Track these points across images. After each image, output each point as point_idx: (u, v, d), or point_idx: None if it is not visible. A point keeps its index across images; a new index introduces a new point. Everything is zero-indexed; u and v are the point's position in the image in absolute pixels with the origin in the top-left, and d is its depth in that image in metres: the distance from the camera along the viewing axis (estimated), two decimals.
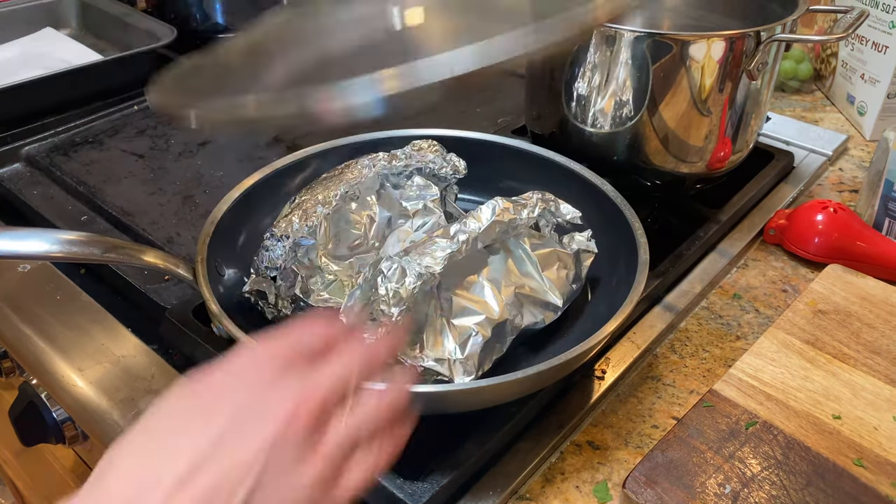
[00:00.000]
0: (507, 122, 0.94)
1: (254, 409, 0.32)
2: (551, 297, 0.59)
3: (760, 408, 0.55)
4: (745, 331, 0.66)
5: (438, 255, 0.53)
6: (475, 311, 0.56)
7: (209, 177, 0.86)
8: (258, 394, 0.33)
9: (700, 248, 0.73)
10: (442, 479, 0.49)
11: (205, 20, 1.20)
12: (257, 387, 0.33)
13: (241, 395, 0.33)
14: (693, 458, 0.51)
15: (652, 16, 0.89)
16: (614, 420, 0.57)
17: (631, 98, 0.69)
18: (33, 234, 0.50)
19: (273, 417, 0.32)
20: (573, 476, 0.53)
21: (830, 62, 1.04)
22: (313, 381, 0.34)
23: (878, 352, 0.60)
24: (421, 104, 0.35)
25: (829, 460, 0.51)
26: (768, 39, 0.66)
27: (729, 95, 0.69)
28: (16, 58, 1.07)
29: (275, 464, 0.31)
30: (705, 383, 0.60)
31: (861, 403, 0.55)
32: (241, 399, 0.33)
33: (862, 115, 0.97)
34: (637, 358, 0.62)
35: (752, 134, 0.76)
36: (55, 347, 0.63)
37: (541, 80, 0.77)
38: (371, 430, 0.35)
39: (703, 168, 0.74)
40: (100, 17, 1.17)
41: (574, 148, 0.74)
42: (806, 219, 0.74)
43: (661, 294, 0.68)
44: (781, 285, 0.72)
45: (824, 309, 0.64)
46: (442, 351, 0.53)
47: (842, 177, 0.89)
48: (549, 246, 0.61)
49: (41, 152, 0.90)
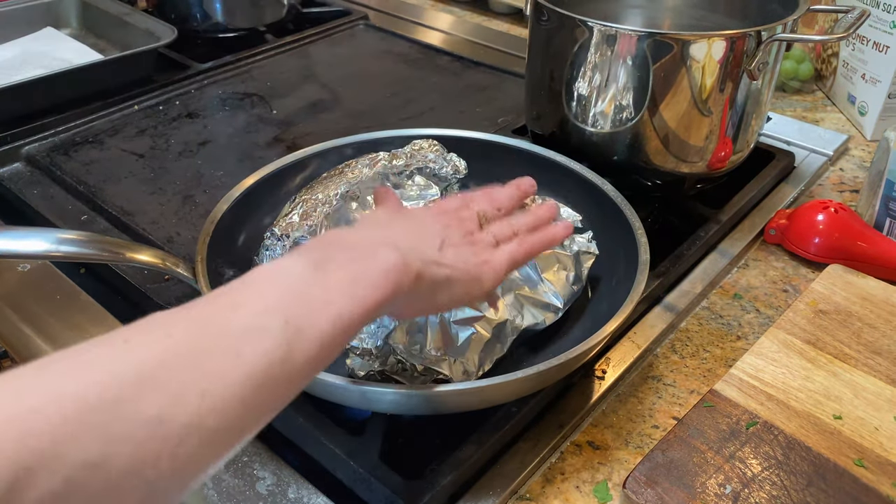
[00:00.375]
0: (507, 122, 0.94)
1: (432, 215, 0.50)
2: (552, 299, 0.59)
3: (761, 408, 0.55)
4: (746, 331, 0.66)
5: None
6: (475, 311, 0.56)
7: (209, 176, 0.86)
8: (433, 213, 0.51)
9: (701, 248, 0.72)
10: (442, 479, 0.49)
11: (205, 20, 1.20)
12: (431, 210, 0.52)
13: (420, 213, 0.51)
14: (694, 459, 0.51)
15: (652, 15, 0.89)
16: (614, 420, 0.57)
17: (631, 98, 0.69)
18: (33, 234, 0.50)
19: (446, 220, 0.50)
20: (573, 476, 0.53)
21: (831, 62, 1.04)
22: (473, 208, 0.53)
23: (879, 352, 0.60)
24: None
25: (830, 461, 0.51)
26: (769, 39, 0.66)
27: (730, 95, 0.69)
28: (16, 57, 1.07)
29: (449, 239, 0.47)
30: (706, 383, 0.60)
31: (862, 404, 0.55)
32: (422, 214, 0.51)
33: (863, 116, 0.97)
34: (637, 358, 0.62)
35: (753, 134, 0.76)
36: (55, 347, 0.63)
37: (541, 80, 0.77)
38: (518, 229, 0.52)
39: (704, 168, 0.74)
40: (100, 17, 1.17)
41: (574, 148, 0.74)
42: (807, 219, 0.73)
43: (661, 294, 0.68)
44: (782, 285, 0.71)
45: (825, 309, 0.64)
46: (443, 351, 0.53)
47: (842, 177, 0.89)
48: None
49: (41, 152, 0.90)
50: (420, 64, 1.15)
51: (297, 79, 1.10)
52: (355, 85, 1.08)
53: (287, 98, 1.04)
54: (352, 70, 1.13)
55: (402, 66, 1.14)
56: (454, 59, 1.16)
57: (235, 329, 0.33)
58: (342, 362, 0.54)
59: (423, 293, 0.43)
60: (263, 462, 0.53)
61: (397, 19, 1.31)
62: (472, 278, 0.47)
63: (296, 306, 0.35)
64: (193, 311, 0.33)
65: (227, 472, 0.52)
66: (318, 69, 1.15)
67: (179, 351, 0.30)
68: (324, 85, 1.10)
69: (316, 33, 1.23)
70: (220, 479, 0.52)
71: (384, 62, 1.16)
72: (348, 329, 0.37)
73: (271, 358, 0.33)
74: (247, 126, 0.97)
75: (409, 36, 1.23)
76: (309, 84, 1.10)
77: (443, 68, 1.13)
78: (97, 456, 0.27)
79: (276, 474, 0.52)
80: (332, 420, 0.53)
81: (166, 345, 0.31)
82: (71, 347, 0.30)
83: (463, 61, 1.15)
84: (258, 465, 0.53)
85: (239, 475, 0.52)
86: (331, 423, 0.52)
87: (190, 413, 0.29)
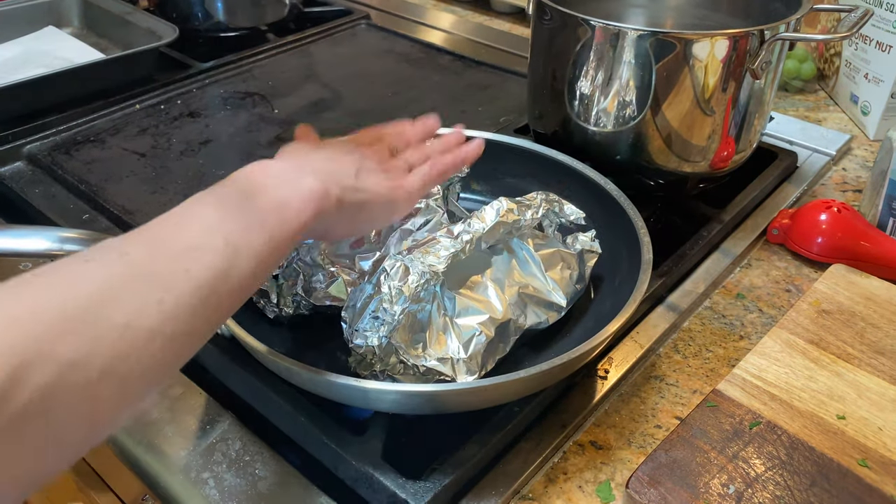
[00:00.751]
0: (509, 121, 0.94)
1: (348, 147, 0.53)
2: (555, 297, 0.59)
3: (764, 408, 0.54)
4: (749, 331, 0.66)
5: (442, 254, 0.53)
6: (479, 310, 0.55)
7: (211, 175, 0.86)
8: (348, 145, 0.53)
9: (703, 248, 0.72)
10: (444, 479, 0.49)
11: (207, 19, 1.20)
12: (346, 143, 0.54)
13: (337, 145, 0.53)
14: (697, 458, 0.51)
15: (655, 15, 0.89)
16: (617, 420, 0.57)
17: (634, 97, 0.69)
18: (35, 233, 0.50)
19: (361, 151, 0.53)
20: (576, 476, 0.53)
21: (834, 62, 1.04)
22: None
23: (883, 352, 0.59)
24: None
25: (834, 461, 0.51)
26: (772, 38, 0.66)
27: (732, 95, 0.69)
28: (18, 56, 1.07)
29: (365, 166, 0.51)
30: (709, 383, 0.60)
31: (865, 404, 0.55)
32: (338, 146, 0.53)
33: (865, 115, 0.97)
34: (640, 358, 0.62)
35: (756, 133, 0.76)
36: None
37: (543, 79, 0.77)
38: (430, 153, 0.57)
39: (707, 167, 0.74)
40: (102, 16, 1.17)
41: (577, 147, 0.74)
42: (809, 218, 0.73)
43: (664, 294, 0.68)
44: (785, 285, 0.71)
45: (828, 309, 0.63)
46: (445, 350, 0.53)
47: (845, 176, 0.89)
48: (552, 246, 0.61)
49: (43, 151, 0.90)
50: (422, 63, 1.15)
51: (298, 78, 1.10)
52: (357, 84, 1.08)
53: (289, 97, 1.04)
54: (353, 69, 1.13)
55: (403, 66, 1.14)
56: (456, 58, 1.16)
57: (182, 247, 0.37)
58: (344, 361, 0.54)
59: (344, 216, 0.49)
60: (265, 461, 0.53)
61: (399, 19, 1.31)
62: (387, 201, 0.51)
63: (233, 227, 0.40)
64: (145, 233, 0.38)
65: (229, 471, 0.52)
66: (319, 68, 1.15)
67: (136, 269, 0.35)
68: (325, 84, 1.09)
69: (317, 33, 1.23)
70: (221, 478, 0.52)
71: (386, 61, 1.16)
72: (280, 248, 0.42)
73: (215, 272, 0.38)
74: (248, 125, 0.97)
75: (410, 35, 1.23)
76: (310, 83, 1.09)
77: (444, 68, 1.13)
78: (80, 355, 0.31)
79: (278, 473, 0.52)
80: (334, 419, 0.52)
81: (124, 262, 0.35)
82: (39, 268, 0.34)
83: (465, 60, 1.15)
84: (259, 464, 0.53)
85: (240, 474, 0.52)
86: (332, 422, 0.52)
87: (151, 320, 0.34)
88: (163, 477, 0.52)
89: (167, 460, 0.53)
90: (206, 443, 0.54)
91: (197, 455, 0.54)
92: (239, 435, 0.55)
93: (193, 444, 0.54)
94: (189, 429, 0.56)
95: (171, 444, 0.54)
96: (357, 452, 0.50)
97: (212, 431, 0.55)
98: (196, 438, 0.55)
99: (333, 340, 0.57)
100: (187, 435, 0.55)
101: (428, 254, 0.53)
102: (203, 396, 0.58)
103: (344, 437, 0.51)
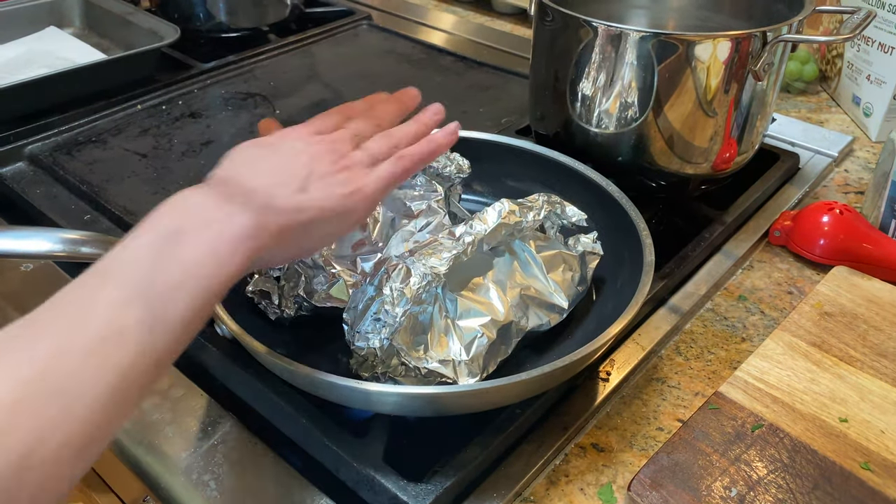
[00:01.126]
0: (510, 122, 0.94)
1: (302, 144, 0.48)
2: (557, 299, 0.59)
3: (766, 410, 0.54)
4: (751, 333, 0.66)
5: (444, 255, 0.53)
6: (480, 312, 0.55)
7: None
8: (304, 140, 0.49)
9: (705, 250, 0.72)
10: (445, 481, 0.48)
11: (208, 19, 1.20)
12: (303, 136, 0.50)
13: (290, 143, 0.48)
14: (699, 461, 0.51)
15: (657, 16, 0.89)
16: (619, 422, 0.57)
17: (636, 98, 0.69)
18: (36, 233, 0.50)
19: (316, 148, 0.48)
20: (578, 478, 0.53)
21: (836, 63, 1.04)
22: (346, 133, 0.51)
23: (885, 354, 0.59)
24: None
25: (836, 464, 0.51)
26: (774, 40, 0.66)
27: (734, 96, 0.69)
28: (19, 56, 1.07)
29: (316, 171, 0.46)
30: (711, 385, 0.60)
31: (868, 406, 0.55)
32: (291, 144, 0.48)
33: (868, 117, 0.96)
34: (642, 360, 0.62)
35: (758, 135, 0.76)
36: None
37: (545, 81, 0.76)
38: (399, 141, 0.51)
39: (709, 169, 0.74)
40: (103, 16, 1.17)
41: (578, 148, 0.74)
42: (811, 220, 0.73)
43: (666, 296, 0.68)
44: (787, 287, 0.71)
45: (830, 311, 0.63)
46: (447, 353, 0.53)
47: (847, 178, 0.88)
48: (553, 248, 0.61)
49: (44, 151, 0.90)
50: (423, 64, 1.15)
51: (300, 79, 1.10)
52: (358, 85, 1.08)
53: (290, 98, 1.04)
54: (355, 70, 1.13)
55: (405, 66, 1.14)
56: (457, 59, 1.16)
57: (95, 336, 0.34)
58: (345, 363, 0.54)
59: (290, 241, 0.45)
60: (266, 463, 0.53)
61: (400, 19, 1.31)
62: (341, 213, 0.47)
63: (153, 294, 0.36)
64: (52, 325, 0.34)
65: (230, 472, 0.52)
66: (321, 69, 1.15)
67: (44, 375, 0.32)
68: (327, 85, 1.09)
69: (319, 33, 1.23)
70: (222, 479, 0.52)
71: (387, 62, 1.16)
72: (211, 300, 0.38)
73: (133, 356, 0.34)
74: (250, 126, 0.97)
75: (412, 36, 1.23)
76: (312, 84, 1.09)
77: (446, 68, 1.13)
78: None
79: (279, 475, 0.52)
80: (335, 421, 0.52)
81: (30, 375, 0.32)
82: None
83: (466, 61, 1.15)
84: (261, 466, 0.53)
85: (242, 476, 0.52)
86: (333, 424, 0.52)
87: (57, 442, 0.31)
88: (164, 478, 0.52)
89: (168, 461, 0.53)
90: (207, 444, 0.54)
91: (198, 456, 0.53)
92: (240, 436, 0.55)
93: (195, 446, 0.54)
94: (190, 430, 0.56)
95: (172, 446, 0.54)
96: (358, 454, 0.50)
97: (213, 433, 0.55)
98: (197, 440, 0.55)
99: (335, 342, 0.56)
100: (188, 436, 0.55)
101: (430, 255, 0.53)
102: (204, 398, 0.58)
103: (345, 439, 0.51)
